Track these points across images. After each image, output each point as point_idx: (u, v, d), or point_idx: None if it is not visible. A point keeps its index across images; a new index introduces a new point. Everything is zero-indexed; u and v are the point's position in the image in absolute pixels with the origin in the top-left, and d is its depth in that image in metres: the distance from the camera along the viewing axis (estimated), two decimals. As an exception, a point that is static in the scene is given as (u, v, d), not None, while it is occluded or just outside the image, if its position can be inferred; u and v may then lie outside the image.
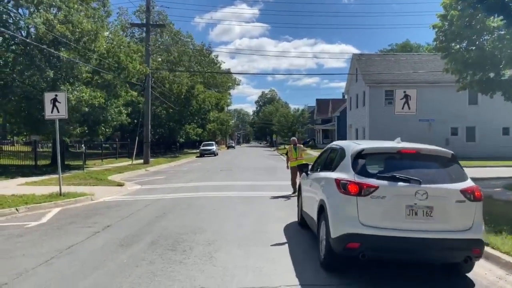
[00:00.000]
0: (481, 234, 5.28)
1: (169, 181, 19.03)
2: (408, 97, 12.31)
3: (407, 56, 41.77)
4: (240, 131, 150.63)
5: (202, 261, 6.27)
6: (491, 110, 31.78)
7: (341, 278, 5.53)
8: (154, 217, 9.91)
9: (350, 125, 44.16)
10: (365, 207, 5.22)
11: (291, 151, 14.25)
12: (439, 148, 5.89)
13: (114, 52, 24.45)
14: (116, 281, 5.44)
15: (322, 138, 68.21)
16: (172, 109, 43.98)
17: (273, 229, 8.54)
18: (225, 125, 77.26)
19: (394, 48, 70.97)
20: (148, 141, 30.31)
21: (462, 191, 5.21)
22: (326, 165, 7.06)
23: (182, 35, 51.32)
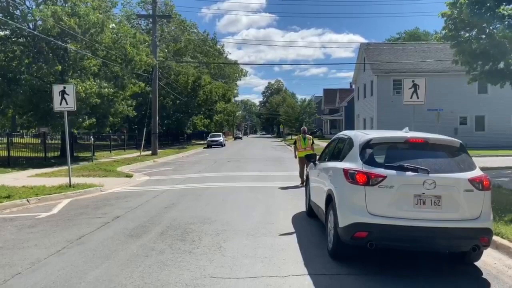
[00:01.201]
0: (489, 223, 5.28)
1: (177, 172, 19.13)
2: (417, 87, 12.20)
3: (415, 45, 41.33)
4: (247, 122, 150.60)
5: (211, 251, 6.33)
6: (500, 99, 31.44)
7: (350, 268, 5.56)
8: (163, 208, 10.00)
9: (357, 115, 43.95)
10: (373, 196, 5.23)
11: (300, 141, 14.09)
12: (447, 137, 5.86)
13: (120, 43, 24.47)
14: (126, 270, 5.52)
15: (330, 129, 68.03)
16: (179, 100, 44.04)
17: (281, 219, 8.58)
18: (232, 116, 77.32)
19: (402, 37, 70.26)
20: (156, 132, 30.43)
21: (470, 180, 5.20)
22: (334, 155, 7.07)
23: (187, 24, 51.20)
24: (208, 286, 4.97)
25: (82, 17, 21.59)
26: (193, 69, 46.34)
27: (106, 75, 23.87)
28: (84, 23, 21.64)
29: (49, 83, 19.63)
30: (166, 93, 41.79)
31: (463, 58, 19.27)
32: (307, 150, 13.44)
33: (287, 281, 5.09)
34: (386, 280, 5.13)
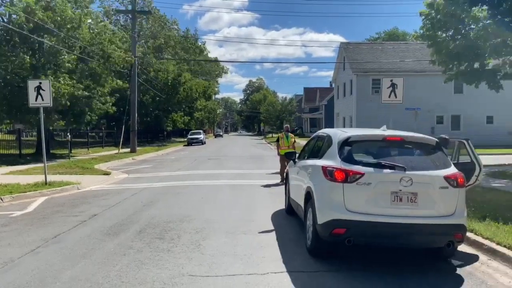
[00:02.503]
0: (463, 220, 5.40)
1: (156, 169, 18.95)
2: (395, 86, 12.40)
3: (394, 44, 41.92)
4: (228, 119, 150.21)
5: (190, 249, 6.29)
6: (475, 99, 32.17)
7: (328, 265, 5.60)
8: (142, 206, 9.88)
9: (337, 114, 44.35)
10: (351, 193, 5.29)
11: (283, 139, 14.13)
12: (424, 135, 5.97)
13: (98, 39, 24.04)
14: (103, 269, 5.43)
15: (310, 127, 68.45)
16: (159, 97, 43.59)
17: (261, 217, 8.59)
18: (213, 113, 77.01)
19: (381, 36, 71.13)
20: (135, 130, 30.07)
21: (445, 177, 5.31)
22: (313, 153, 7.11)
23: (167, 21, 50.68)
24: (186, 284, 4.93)
25: (58, 12, 21.10)
26: (174, 66, 45.91)
27: (82, 72, 23.42)
28: (60, 18, 21.16)
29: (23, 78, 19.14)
30: (145, 89, 41.32)
31: (439, 58, 19.65)
32: (290, 148, 13.51)
33: (265, 279, 5.10)
34: (363, 277, 5.20)
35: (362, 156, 5.70)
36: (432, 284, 5.05)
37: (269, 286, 4.90)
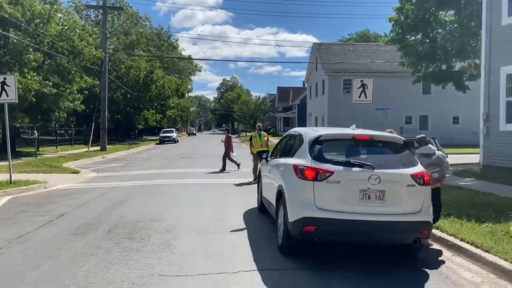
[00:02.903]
0: (429, 217, 5.56)
1: (127, 168, 18.63)
2: (365, 86, 12.61)
3: (365, 46, 42.72)
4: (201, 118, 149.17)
5: (160, 249, 6.21)
6: (442, 100, 33.24)
7: (299, 262, 5.65)
8: (111, 205, 9.70)
9: (310, 113, 44.81)
10: (321, 191, 5.35)
11: (256, 137, 14.17)
12: (391, 134, 6.12)
13: (68, 35, 23.39)
14: (69, 270, 5.30)
15: (283, 126, 68.83)
16: (131, 94, 42.83)
17: (233, 215, 8.58)
18: (186, 111, 76.24)
19: (353, 38, 72.29)
20: (105, 127, 29.46)
21: (412, 175, 5.44)
22: (285, 152, 7.15)
23: (140, 17, 49.86)
24: (156, 284, 4.87)
25: (26, 6, 20.41)
26: (146, 63, 45.19)
27: (50, 68, 22.73)
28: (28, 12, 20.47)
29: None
30: (116, 87, 40.51)
31: (409, 60, 20.17)
32: (263, 147, 13.56)
33: (236, 277, 5.10)
34: (333, 274, 5.27)
35: (332, 154, 5.78)
36: (399, 280, 5.17)
37: (240, 285, 4.90)
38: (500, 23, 13.62)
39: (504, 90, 13.52)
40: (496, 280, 5.12)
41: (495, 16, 13.90)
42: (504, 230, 6.58)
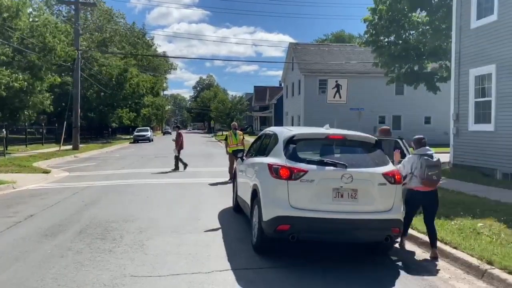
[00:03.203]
0: (400, 215, 5.67)
1: (100, 167, 18.28)
2: (340, 87, 12.78)
3: (340, 46, 43.24)
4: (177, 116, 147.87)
5: (132, 250, 6.12)
6: (415, 100, 34.01)
7: (272, 261, 5.67)
8: (83, 205, 9.49)
9: (286, 113, 45.05)
10: (295, 190, 5.39)
11: (231, 137, 14.10)
12: (364, 134, 6.21)
13: (39, 31, 22.73)
14: (38, 273, 5.15)
15: (260, 125, 68.97)
16: (104, 92, 42.01)
17: (207, 215, 8.53)
18: (161, 110, 75.39)
19: (329, 38, 73.13)
20: (78, 126, 28.79)
21: (384, 174, 5.54)
22: (260, 151, 7.17)
23: (114, 14, 48.96)
24: (128, 285, 4.80)
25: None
26: (120, 60, 44.42)
27: (20, 64, 22.06)
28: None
29: None
30: (89, 84, 39.64)
31: (382, 60, 20.55)
32: (238, 146, 13.51)
33: (210, 277, 5.07)
34: (307, 272, 5.31)
35: (306, 154, 5.82)
36: (371, 277, 5.26)
37: (213, 285, 4.88)
38: (469, 26, 14.03)
39: (472, 91, 13.94)
40: (463, 276, 5.27)
41: (465, 19, 14.31)
42: (471, 227, 6.78)
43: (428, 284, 5.03)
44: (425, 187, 5.93)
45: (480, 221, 7.15)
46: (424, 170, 5.84)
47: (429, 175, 5.82)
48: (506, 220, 7.00)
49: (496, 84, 12.79)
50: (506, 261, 5.17)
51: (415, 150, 6.26)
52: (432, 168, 5.86)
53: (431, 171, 5.84)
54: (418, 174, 5.92)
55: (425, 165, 5.86)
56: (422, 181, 5.89)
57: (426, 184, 5.90)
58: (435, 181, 5.93)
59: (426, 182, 5.86)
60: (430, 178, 5.84)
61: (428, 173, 5.82)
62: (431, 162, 5.89)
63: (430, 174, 5.84)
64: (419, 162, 5.93)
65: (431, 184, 5.91)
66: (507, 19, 12.32)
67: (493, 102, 12.92)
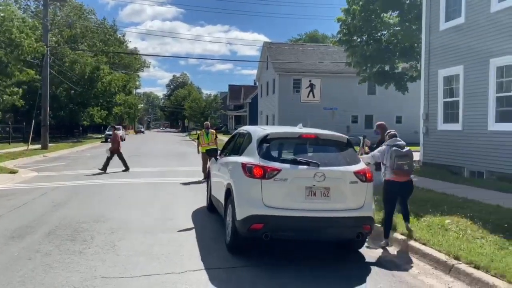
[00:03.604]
0: (371, 212, 5.78)
1: (70, 167, 17.85)
2: (313, 86, 12.92)
3: (314, 46, 43.66)
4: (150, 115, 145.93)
5: (104, 251, 6.00)
6: (386, 100, 34.73)
7: (246, 260, 5.68)
8: (52, 206, 9.24)
9: (261, 112, 45.15)
10: (269, 189, 5.41)
11: (203, 136, 14.02)
12: (336, 133, 6.29)
13: (5, 26, 21.94)
14: (4, 275, 4.98)
15: (235, 124, 68.85)
16: (74, 90, 40.99)
17: (181, 215, 8.46)
18: (134, 108, 74.14)
19: (302, 38, 73.71)
20: (47, 125, 28.00)
21: (355, 172, 5.63)
22: (234, 150, 7.16)
23: (84, 10, 47.80)
24: (99, 287, 4.71)
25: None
26: (91, 57, 43.40)
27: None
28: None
29: None
30: (59, 82, 38.58)
31: (355, 60, 20.85)
32: (211, 145, 13.45)
33: (183, 277, 5.03)
34: (280, 270, 5.35)
35: (279, 152, 5.86)
36: (342, 274, 5.34)
37: (186, 284, 4.84)
38: (439, 28, 14.43)
39: (441, 91, 14.34)
40: (432, 271, 5.42)
41: (434, 21, 14.70)
42: (440, 224, 6.97)
43: (398, 280, 5.15)
44: (398, 177, 6.18)
45: (448, 217, 7.35)
46: (394, 160, 6.07)
47: (399, 164, 6.04)
48: (472, 217, 7.24)
49: (464, 85, 13.20)
50: (472, 256, 5.35)
51: (387, 142, 6.50)
52: (402, 158, 6.07)
53: (401, 160, 6.05)
54: (389, 164, 6.18)
55: (394, 155, 6.10)
56: (393, 171, 6.14)
57: (398, 174, 6.14)
58: (407, 170, 6.13)
59: (397, 171, 6.10)
60: (401, 168, 6.05)
61: (398, 163, 6.04)
62: (401, 152, 6.11)
63: (400, 163, 6.05)
64: (389, 153, 6.19)
65: (403, 174, 6.14)
66: (473, 21, 12.73)
67: (461, 102, 13.34)
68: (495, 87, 11.90)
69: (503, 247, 5.71)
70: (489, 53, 12.03)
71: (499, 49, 11.64)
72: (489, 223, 6.82)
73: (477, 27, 12.56)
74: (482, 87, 12.30)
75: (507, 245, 5.78)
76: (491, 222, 6.87)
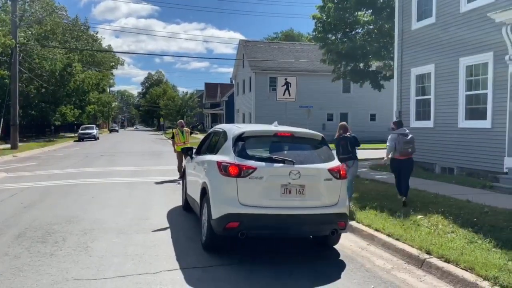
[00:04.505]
0: (345, 209, 5.85)
1: (41, 167, 17.37)
2: (289, 84, 12.96)
3: (290, 45, 43.85)
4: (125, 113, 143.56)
5: (76, 252, 5.87)
6: (361, 98, 35.29)
7: (222, 259, 5.65)
8: (22, 208, 8.97)
9: (237, 110, 45.09)
10: (245, 187, 5.40)
11: (178, 135, 13.90)
12: (311, 131, 6.33)
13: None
14: (-30, 281, 4.81)
15: (211, 122, 68.50)
16: (45, 88, 39.90)
17: (156, 215, 8.36)
18: (107, 107, 72.85)
19: (278, 36, 73.92)
20: (16, 124, 27.17)
21: (329, 170, 5.69)
22: (210, 148, 7.11)
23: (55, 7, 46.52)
24: (71, 290, 4.59)
25: None
26: (63, 55, 42.31)
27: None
28: None
29: None
30: (29, 80, 37.49)
31: (330, 57, 21.04)
32: (186, 144, 13.34)
33: (158, 278, 4.97)
34: (256, 268, 5.35)
35: (255, 151, 5.85)
36: (318, 270, 5.38)
37: (161, 285, 4.78)
38: (411, 27, 14.72)
39: (414, 89, 14.65)
40: (404, 266, 5.53)
41: (406, 20, 14.99)
42: (412, 219, 7.12)
43: (371, 275, 5.23)
44: (401, 156, 8.42)
45: (420, 213, 7.53)
46: (402, 145, 8.30)
47: (405, 149, 8.32)
48: (443, 212, 7.43)
49: (435, 83, 13.52)
50: (442, 250, 5.48)
51: (396, 130, 8.58)
52: (407, 144, 8.33)
53: (407, 146, 8.33)
54: (398, 148, 8.35)
55: (402, 141, 8.30)
56: (400, 153, 8.39)
57: (402, 155, 8.40)
58: (410, 152, 8.45)
59: (403, 153, 8.38)
60: (406, 151, 8.38)
61: (404, 147, 8.31)
62: (407, 139, 8.35)
63: (406, 147, 8.34)
64: (398, 139, 8.34)
65: (406, 155, 8.43)
66: (444, 21, 13.05)
67: (432, 100, 13.66)
68: (465, 86, 12.23)
69: (472, 241, 5.88)
70: (458, 52, 12.35)
71: (468, 48, 11.97)
72: (459, 218, 7.01)
73: (447, 27, 12.88)
74: (453, 85, 12.63)
75: (476, 239, 5.95)
76: (461, 217, 7.07)
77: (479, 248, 5.58)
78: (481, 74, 11.68)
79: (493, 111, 11.11)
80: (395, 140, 8.37)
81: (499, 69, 10.83)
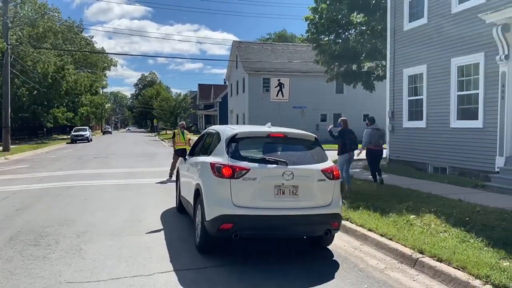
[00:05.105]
0: (338, 209, 5.87)
1: (34, 170, 17.25)
2: (282, 85, 12.98)
3: (283, 46, 43.90)
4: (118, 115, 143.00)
5: (69, 255, 5.84)
6: (354, 98, 35.42)
7: (216, 260, 5.65)
8: (14, 210, 8.91)
9: (231, 111, 45.06)
10: (238, 188, 5.40)
11: (179, 135, 14.09)
12: (304, 132, 6.35)
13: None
14: (-38, 285, 4.77)
15: (205, 123, 68.37)
16: (38, 90, 39.64)
17: (150, 216, 8.34)
18: (100, 108, 72.50)
19: (272, 37, 74.02)
20: (8, 126, 26.97)
21: (323, 170, 5.71)
22: (203, 150, 7.11)
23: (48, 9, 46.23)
24: (64, 293, 4.57)
25: None
26: (56, 57, 42.06)
27: None
28: None
29: None
30: (21, 82, 37.23)
31: (323, 58, 21.10)
32: (186, 145, 13.48)
33: (151, 279, 4.96)
34: (251, 269, 5.35)
35: (248, 152, 5.85)
36: (311, 270, 5.40)
37: (155, 287, 4.77)
38: (403, 28, 14.81)
39: (406, 90, 14.74)
40: (398, 265, 5.57)
41: (398, 21, 15.08)
42: (405, 219, 7.16)
43: (365, 275, 5.26)
44: (375, 147, 10.80)
45: (413, 212, 7.57)
46: (376, 138, 10.69)
47: (377, 141, 10.77)
48: (436, 211, 7.48)
49: (427, 83, 13.61)
50: (435, 249, 5.52)
51: (370, 126, 10.79)
52: (380, 137, 10.86)
53: (380, 139, 10.85)
54: (372, 141, 10.64)
55: (377, 135, 10.70)
56: (374, 145, 10.71)
57: (376, 146, 10.77)
58: (381, 144, 10.91)
59: (377, 144, 10.76)
60: (378, 143, 10.82)
61: (377, 140, 10.76)
62: (380, 133, 10.86)
63: (378, 140, 10.80)
64: (372, 133, 10.62)
65: (379, 146, 10.86)
66: (435, 22, 13.14)
67: (424, 100, 13.75)
68: (456, 86, 12.33)
69: (464, 240, 5.93)
70: (450, 52, 12.45)
71: (460, 49, 12.07)
72: (451, 217, 7.06)
73: (439, 27, 12.98)
74: (445, 85, 12.72)
75: (468, 238, 6.00)
76: (453, 216, 7.12)
77: (471, 247, 5.62)
78: (472, 74, 11.78)
79: (485, 111, 11.21)
80: (370, 134, 10.57)
81: (490, 69, 10.94)
